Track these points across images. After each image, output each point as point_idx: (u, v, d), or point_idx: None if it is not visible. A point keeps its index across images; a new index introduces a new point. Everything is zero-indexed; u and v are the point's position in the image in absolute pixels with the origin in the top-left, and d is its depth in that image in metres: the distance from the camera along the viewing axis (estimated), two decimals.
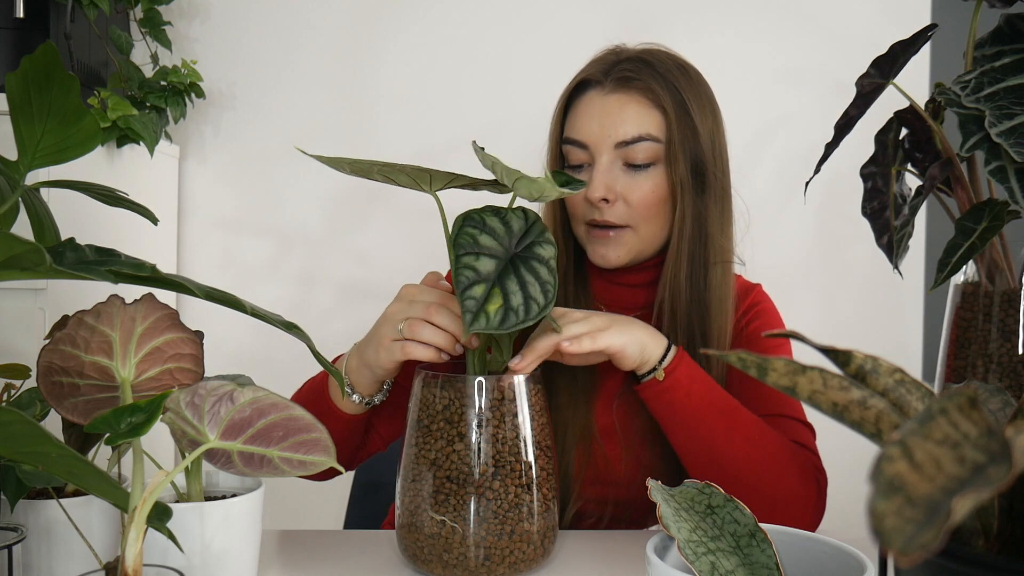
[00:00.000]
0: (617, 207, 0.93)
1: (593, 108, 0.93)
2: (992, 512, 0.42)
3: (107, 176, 1.59)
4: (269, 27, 1.91)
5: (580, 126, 0.94)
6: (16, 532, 0.61)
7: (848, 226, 1.84)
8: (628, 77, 0.92)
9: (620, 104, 0.92)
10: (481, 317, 0.71)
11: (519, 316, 0.71)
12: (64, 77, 0.57)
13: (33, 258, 0.42)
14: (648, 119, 0.92)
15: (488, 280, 0.73)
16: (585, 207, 0.95)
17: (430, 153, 1.88)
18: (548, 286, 0.74)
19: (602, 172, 0.92)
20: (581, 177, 0.94)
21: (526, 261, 0.76)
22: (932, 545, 0.27)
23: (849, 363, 0.44)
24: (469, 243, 0.75)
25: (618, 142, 0.92)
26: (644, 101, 0.92)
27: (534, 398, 0.80)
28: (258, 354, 1.89)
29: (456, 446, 0.76)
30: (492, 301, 0.72)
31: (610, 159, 0.92)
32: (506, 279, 0.74)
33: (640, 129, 0.91)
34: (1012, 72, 0.71)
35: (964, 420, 0.33)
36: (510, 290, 0.73)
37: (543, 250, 0.77)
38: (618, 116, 0.92)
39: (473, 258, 0.74)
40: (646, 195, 0.92)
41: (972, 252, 0.71)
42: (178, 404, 0.62)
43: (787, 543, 0.60)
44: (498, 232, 0.77)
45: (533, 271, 0.75)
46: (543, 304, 0.73)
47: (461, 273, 0.73)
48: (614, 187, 0.92)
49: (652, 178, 0.92)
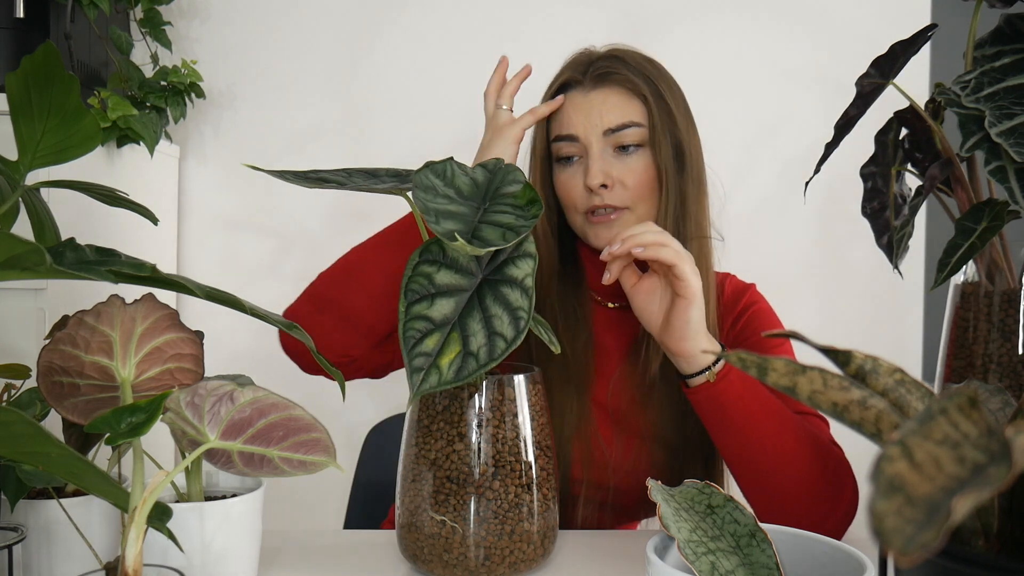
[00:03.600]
0: (616, 190, 0.97)
1: (577, 104, 0.98)
2: (992, 512, 0.42)
3: (107, 176, 1.59)
4: (269, 27, 1.91)
5: (568, 122, 0.99)
6: (16, 532, 0.61)
7: (848, 226, 1.84)
8: (606, 72, 0.98)
9: (602, 97, 0.98)
10: (432, 375, 0.65)
11: (479, 361, 0.66)
12: (64, 77, 0.57)
13: (33, 258, 0.42)
14: (630, 107, 0.97)
15: (445, 325, 0.68)
16: (584, 196, 0.98)
17: (430, 153, 1.88)
18: (520, 312, 0.68)
19: (596, 160, 0.96)
20: (573, 170, 0.99)
21: (495, 287, 0.70)
22: (932, 545, 0.27)
23: (849, 363, 0.44)
24: (423, 286, 0.69)
25: (606, 129, 0.97)
26: (624, 91, 0.98)
27: (534, 398, 0.80)
28: (258, 354, 1.89)
29: (456, 446, 0.76)
30: (447, 351, 0.66)
31: (600, 147, 0.97)
32: (467, 318, 0.68)
33: (624, 117, 0.97)
34: (1012, 72, 0.71)
35: (964, 420, 0.33)
36: (471, 331, 0.67)
37: (518, 269, 0.71)
38: (602, 107, 0.97)
39: (426, 305, 0.68)
40: (639, 176, 0.97)
41: (972, 252, 0.71)
42: (178, 404, 0.62)
43: (787, 543, 0.60)
44: (460, 261, 0.71)
45: (502, 299, 0.69)
46: (511, 338, 0.67)
47: (409, 327, 0.67)
48: (610, 173, 0.96)
49: (641, 160, 0.97)
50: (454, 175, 0.76)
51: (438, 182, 0.74)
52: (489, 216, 0.73)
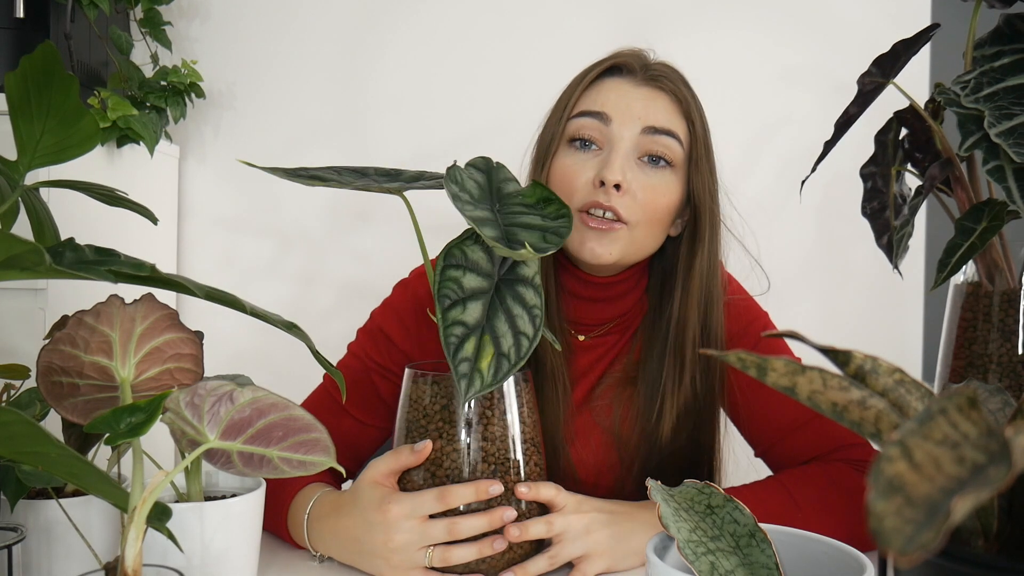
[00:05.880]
0: (626, 198, 0.87)
1: (623, 90, 0.90)
2: (992, 512, 0.42)
3: (107, 176, 1.59)
4: (269, 27, 1.91)
5: (606, 101, 0.89)
6: (16, 532, 0.61)
7: (848, 226, 1.84)
8: (662, 76, 0.91)
9: (653, 95, 0.90)
10: (476, 380, 0.68)
11: (511, 360, 0.69)
12: (64, 77, 0.57)
13: (33, 258, 0.42)
14: (677, 122, 0.90)
15: (477, 328, 0.70)
16: (588, 188, 0.88)
17: (430, 153, 1.88)
18: (535, 311, 0.71)
19: (620, 156, 0.87)
20: (585, 157, 0.89)
21: (511, 287, 0.72)
22: (932, 545, 0.27)
23: (849, 363, 0.44)
24: (453, 291, 0.71)
25: (647, 127, 0.88)
26: (676, 103, 0.90)
27: (524, 396, 0.80)
28: (258, 354, 1.89)
29: (447, 444, 0.76)
30: (483, 355, 0.69)
31: (630, 145, 0.88)
32: (494, 319, 0.70)
33: (670, 124, 0.89)
34: (1011, 72, 0.71)
35: (964, 420, 0.33)
36: (499, 332, 0.70)
37: (528, 268, 0.73)
38: (651, 104, 0.89)
39: (460, 310, 0.70)
40: (656, 196, 0.88)
41: (972, 252, 0.71)
42: (178, 404, 0.62)
43: (787, 543, 0.60)
44: (481, 264, 0.73)
45: (519, 298, 0.72)
46: (532, 335, 0.70)
47: (450, 333, 0.69)
48: (628, 177, 0.87)
49: (665, 181, 0.89)
50: (463, 180, 0.76)
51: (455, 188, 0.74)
52: (511, 219, 0.73)
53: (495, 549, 0.75)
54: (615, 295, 0.95)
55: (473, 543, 0.75)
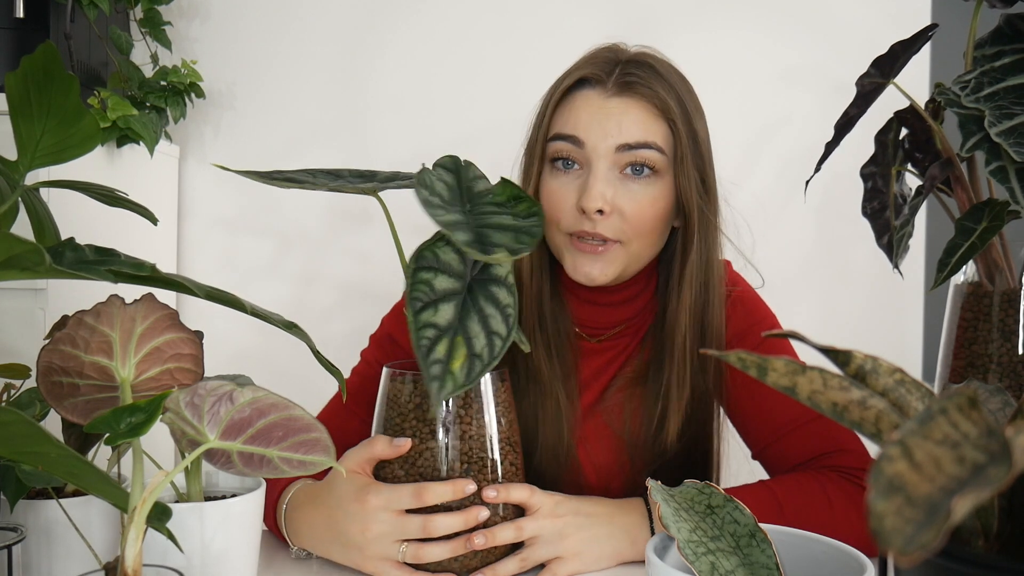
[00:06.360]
0: (612, 220, 0.85)
1: (593, 108, 0.86)
2: (992, 512, 0.42)
3: (107, 176, 1.59)
4: (269, 27, 1.91)
5: (577, 122, 0.86)
6: (16, 532, 0.61)
7: (848, 226, 1.84)
8: (633, 82, 0.86)
9: (624, 107, 0.85)
10: (448, 381, 0.66)
11: (484, 361, 0.67)
12: (64, 77, 0.57)
13: (33, 258, 0.42)
14: (654, 128, 0.86)
15: (449, 330, 0.68)
16: (573, 216, 0.86)
17: (430, 153, 1.86)
18: (508, 310, 0.70)
19: (600, 180, 0.84)
20: (567, 180, 0.87)
21: (484, 287, 0.71)
22: (932, 545, 0.27)
23: (849, 363, 0.44)
24: (425, 293, 0.70)
25: (620, 144, 0.84)
26: (650, 109, 0.86)
27: (501, 395, 0.80)
28: (258, 354, 1.89)
29: (425, 444, 0.77)
30: (456, 356, 0.67)
31: (608, 164, 0.85)
32: (467, 320, 0.69)
33: (645, 135, 0.85)
34: (1012, 72, 0.71)
35: (964, 420, 0.33)
36: (472, 333, 0.68)
37: (500, 267, 0.72)
38: (622, 118, 0.85)
39: (431, 312, 0.69)
40: (644, 209, 0.85)
41: (972, 252, 0.71)
42: (178, 404, 0.62)
43: (787, 543, 0.60)
44: (453, 266, 0.72)
45: (492, 298, 0.70)
46: (505, 334, 0.69)
47: (422, 335, 0.67)
48: (611, 198, 0.85)
49: (651, 190, 0.86)
50: (432, 182, 0.75)
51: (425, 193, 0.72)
52: (483, 219, 0.72)
53: (467, 548, 0.75)
54: (624, 299, 0.95)
55: (446, 542, 0.75)
